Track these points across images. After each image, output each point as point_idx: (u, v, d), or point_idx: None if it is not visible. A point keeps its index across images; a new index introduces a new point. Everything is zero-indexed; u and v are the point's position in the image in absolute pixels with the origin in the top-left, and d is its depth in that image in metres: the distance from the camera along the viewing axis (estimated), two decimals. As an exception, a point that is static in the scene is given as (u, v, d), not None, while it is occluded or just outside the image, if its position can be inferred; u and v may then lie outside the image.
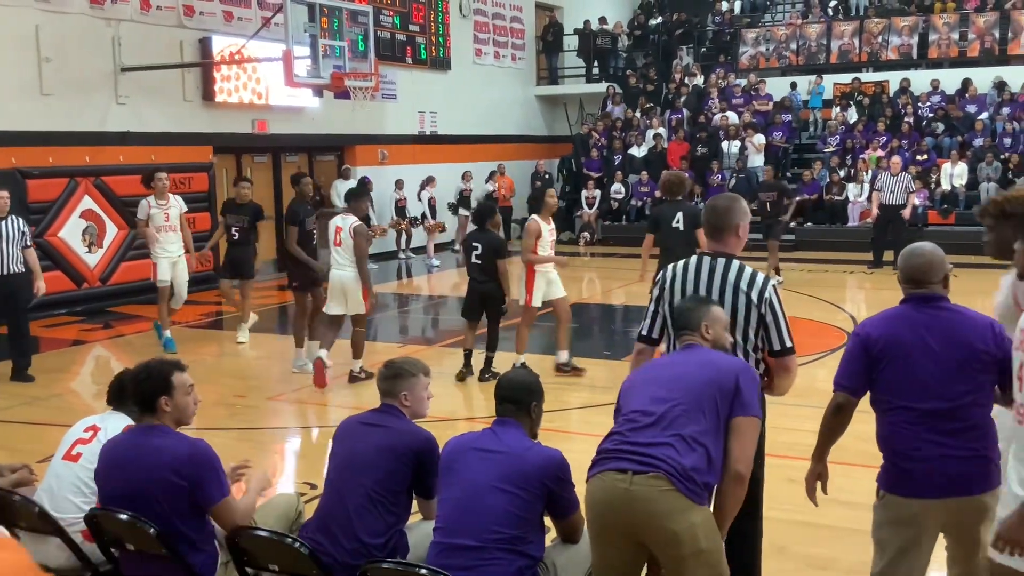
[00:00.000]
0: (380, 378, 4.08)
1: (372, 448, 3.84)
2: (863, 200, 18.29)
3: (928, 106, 20.13)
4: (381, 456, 3.81)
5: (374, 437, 3.88)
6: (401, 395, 4.00)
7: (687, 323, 3.79)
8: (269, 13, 14.82)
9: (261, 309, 14.03)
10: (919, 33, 21.38)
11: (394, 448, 3.83)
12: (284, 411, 8.41)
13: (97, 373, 10.18)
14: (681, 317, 3.84)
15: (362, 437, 3.91)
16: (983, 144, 18.49)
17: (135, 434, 3.86)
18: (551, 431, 6.66)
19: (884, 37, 21.64)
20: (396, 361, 4.16)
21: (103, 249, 13.86)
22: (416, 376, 4.05)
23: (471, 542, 3.43)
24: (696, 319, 3.76)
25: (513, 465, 3.53)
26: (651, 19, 25.18)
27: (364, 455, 3.83)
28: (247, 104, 15.77)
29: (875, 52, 21.74)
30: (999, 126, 19.00)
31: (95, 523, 3.86)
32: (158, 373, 3.85)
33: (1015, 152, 18.18)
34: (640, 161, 20.76)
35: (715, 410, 3.45)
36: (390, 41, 18.76)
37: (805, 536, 5.13)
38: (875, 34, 21.73)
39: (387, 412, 4.00)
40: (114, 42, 13.77)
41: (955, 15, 21.27)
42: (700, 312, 3.79)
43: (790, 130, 20.65)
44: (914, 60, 21.46)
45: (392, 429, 3.90)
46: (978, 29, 20.84)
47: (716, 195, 4.41)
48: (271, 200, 17.08)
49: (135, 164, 14.07)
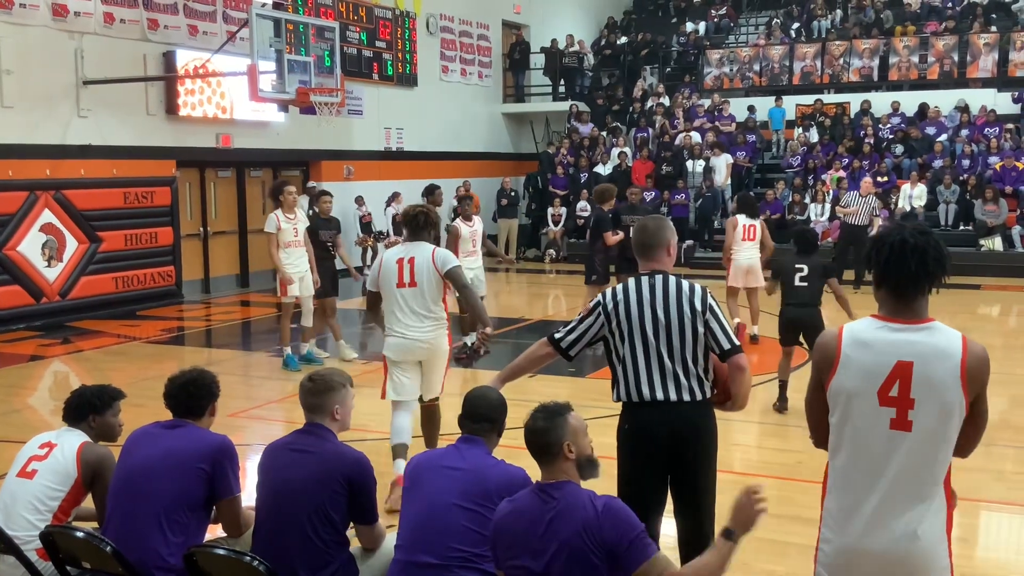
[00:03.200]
0: (308, 393, 3.93)
1: (302, 478, 3.70)
2: (824, 220, 18.55)
3: (888, 128, 20.44)
4: (313, 487, 3.68)
5: (304, 467, 3.73)
6: (333, 409, 3.92)
7: (547, 447, 3.30)
8: (234, 28, 14.77)
9: (224, 324, 13.94)
10: (880, 56, 21.73)
11: (326, 475, 3.70)
12: (246, 427, 8.34)
13: (55, 389, 10.04)
14: (538, 439, 3.32)
15: (291, 466, 3.76)
16: (942, 166, 18.80)
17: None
18: (514, 448, 6.65)
19: (846, 59, 21.97)
20: (322, 374, 4.02)
21: (63, 263, 13.69)
22: (346, 387, 3.99)
23: (432, 559, 3.42)
24: (557, 438, 3.28)
25: (475, 483, 3.52)
26: (617, 39, 25.38)
27: (296, 487, 3.69)
28: (211, 118, 15.69)
29: (837, 74, 22.06)
30: (958, 148, 19.33)
31: (50, 541, 3.81)
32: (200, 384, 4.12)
33: (973, 174, 18.50)
34: (605, 179, 20.87)
35: None
36: (356, 57, 18.76)
37: (768, 553, 5.15)
38: (837, 56, 22.05)
39: (314, 433, 3.86)
40: (76, 55, 13.65)
41: (915, 39, 21.64)
42: (558, 430, 3.30)
43: (753, 150, 20.88)
44: (875, 82, 21.79)
45: (321, 455, 3.76)
46: (938, 52, 21.21)
47: (645, 217, 4.47)
48: (234, 215, 17.00)
49: (96, 178, 14.01)
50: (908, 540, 2.84)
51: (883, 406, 2.86)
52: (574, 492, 3.21)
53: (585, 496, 3.19)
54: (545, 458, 3.26)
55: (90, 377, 9.86)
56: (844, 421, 2.94)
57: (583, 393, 8.84)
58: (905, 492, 2.86)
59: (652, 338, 4.00)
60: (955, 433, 2.87)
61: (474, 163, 22.26)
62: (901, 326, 2.90)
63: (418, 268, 6.06)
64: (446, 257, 6.14)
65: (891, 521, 2.86)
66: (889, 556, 2.87)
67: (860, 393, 2.88)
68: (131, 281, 14.64)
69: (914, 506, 2.86)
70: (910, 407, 2.83)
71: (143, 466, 3.84)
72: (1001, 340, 12.34)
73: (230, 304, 15.49)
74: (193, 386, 4.05)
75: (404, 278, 6.10)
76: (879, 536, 2.87)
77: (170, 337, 12.79)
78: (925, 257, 2.88)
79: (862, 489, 2.91)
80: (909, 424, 2.83)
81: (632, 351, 4.02)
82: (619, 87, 24.25)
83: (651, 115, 22.37)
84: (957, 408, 2.84)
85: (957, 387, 2.83)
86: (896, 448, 2.86)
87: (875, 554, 2.88)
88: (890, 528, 2.86)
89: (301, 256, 10.02)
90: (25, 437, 4.43)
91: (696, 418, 4.00)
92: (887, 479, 2.87)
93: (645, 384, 3.98)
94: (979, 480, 2.92)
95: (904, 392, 2.83)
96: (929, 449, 2.85)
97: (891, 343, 2.88)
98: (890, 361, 2.86)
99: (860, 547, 2.90)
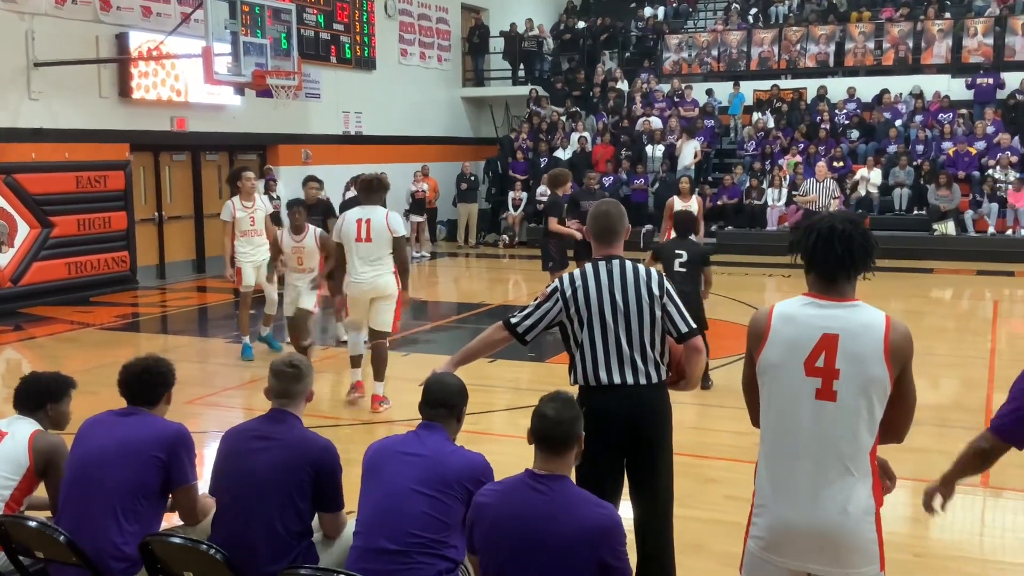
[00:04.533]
0: (289, 379, 3.86)
1: (269, 466, 3.65)
2: (781, 204, 18.73)
3: (844, 113, 20.64)
4: (279, 476, 3.64)
5: (269, 455, 3.68)
6: (308, 393, 3.93)
7: (565, 439, 3.26)
8: (189, 9, 14.56)
9: (180, 311, 13.80)
10: (836, 42, 21.92)
11: (294, 463, 3.66)
12: (203, 414, 8.27)
13: (8, 376, 9.88)
14: (560, 430, 3.26)
15: (256, 453, 3.70)
16: (897, 150, 19.04)
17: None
18: (476, 433, 6.67)
19: (802, 45, 22.14)
20: (292, 360, 3.97)
21: (14, 249, 13.45)
22: (311, 372, 3.99)
23: (392, 546, 3.41)
24: (577, 432, 3.28)
25: (434, 469, 3.51)
26: (576, 23, 25.37)
27: (260, 477, 3.64)
28: (165, 101, 15.47)
29: (793, 60, 22.23)
30: (912, 133, 19.58)
31: (3, 531, 3.75)
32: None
33: (927, 159, 18.75)
34: (565, 164, 20.90)
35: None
36: (314, 40, 18.57)
37: (723, 534, 5.21)
38: (794, 42, 22.21)
39: (281, 420, 3.81)
40: (27, 36, 13.40)
41: (870, 25, 21.85)
42: (578, 424, 3.30)
43: (712, 135, 21.00)
44: (831, 68, 21.98)
45: (288, 442, 3.72)
46: (892, 39, 21.44)
47: (601, 200, 4.42)
48: (190, 199, 16.81)
49: (48, 162, 13.79)
50: (837, 513, 2.94)
51: (809, 376, 2.96)
52: (573, 490, 3.21)
53: (588, 498, 3.20)
54: (558, 449, 3.22)
55: (43, 364, 9.72)
56: (772, 393, 3.04)
57: (544, 377, 8.89)
58: (831, 463, 2.95)
59: (611, 324, 4.02)
60: (879, 407, 2.96)
61: (434, 147, 22.17)
62: (828, 302, 3.02)
63: (374, 228, 7.71)
64: (397, 224, 7.89)
65: (819, 493, 2.95)
66: (818, 529, 2.96)
67: (787, 364, 2.99)
68: (84, 267, 14.43)
69: (841, 478, 2.95)
70: (835, 377, 2.94)
71: (97, 455, 3.79)
72: (954, 323, 12.57)
73: (186, 290, 15.33)
74: (148, 374, 4.00)
75: (361, 235, 7.75)
76: (808, 508, 2.96)
77: (124, 324, 12.64)
78: (851, 244, 2.99)
79: (791, 459, 3.00)
80: (834, 394, 2.94)
81: (591, 337, 4.04)
82: (579, 72, 24.25)
83: (609, 100, 22.40)
84: (880, 381, 2.93)
85: (881, 361, 2.92)
86: (822, 418, 2.95)
87: (804, 527, 2.97)
88: (818, 500, 2.95)
89: (261, 244, 9.89)
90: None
91: (652, 401, 4.05)
92: (814, 450, 2.96)
93: (603, 369, 4.01)
94: (932, 461, 2.99)
95: (830, 363, 2.94)
96: (853, 419, 2.94)
97: (818, 316, 3.00)
98: (816, 333, 2.97)
99: (789, 519, 2.99)
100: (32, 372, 4.45)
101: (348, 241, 7.81)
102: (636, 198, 19.14)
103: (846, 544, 2.95)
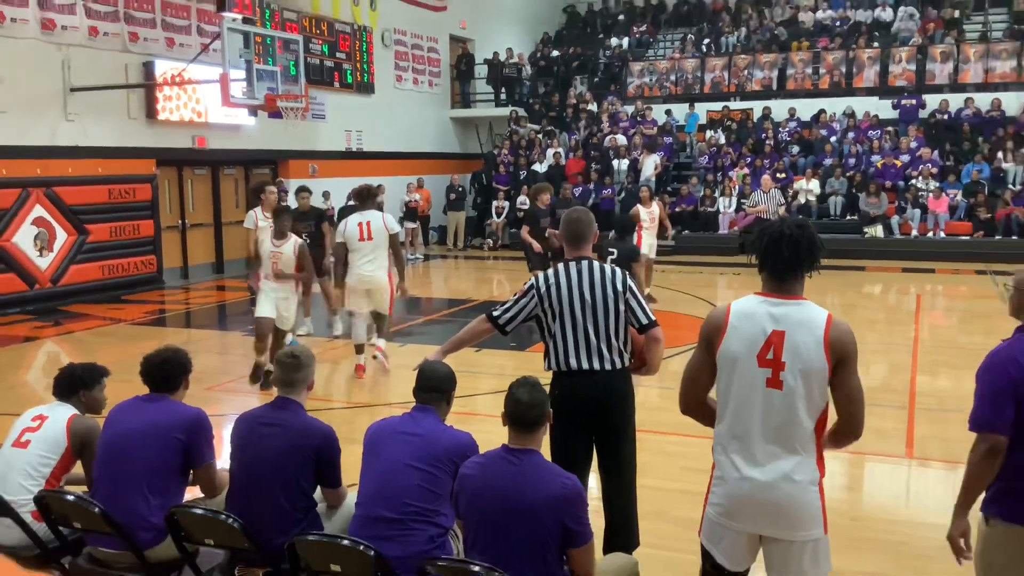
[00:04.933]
0: (290, 369, 3.82)
1: (275, 451, 3.63)
2: (731, 211, 18.79)
3: (786, 131, 20.70)
4: (284, 459, 3.62)
5: (276, 440, 3.65)
6: (310, 383, 3.89)
7: (537, 419, 3.26)
8: (208, 40, 14.49)
9: (201, 307, 13.72)
10: (778, 68, 21.98)
11: (296, 449, 3.64)
12: (222, 399, 8.22)
13: (48, 367, 9.79)
14: (531, 411, 3.25)
15: (264, 438, 3.67)
16: (832, 164, 19.12)
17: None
18: (463, 414, 6.66)
19: (749, 71, 22.19)
20: (295, 352, 3.93)
21: (53, 253, 13.36)
22: (312, 362, 3.94)
23: (390, 514, 3.41)
24: (545, 411, 3.29)
25: (427, 447, 3.51)
26: (551, 52, 25.35)
27: (267, 460, 3.62)
28: (187, 122, 15.36)
29: (742, 84, 22.27)
30: (846, 148, 19.67)
31: (44, 504, 3.72)
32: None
33: (858, 171, 18.84)
34: (542, 176, 20.88)
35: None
36: (319, 67, 18.49)
37: (681, 502, 5.23)
38: (742, 68, 22.26)
39: (285, 408, 3.77)
40: (63, 65, 13.29)
41: (809, 53, 21.93)
42: (546, 405, 3.30)
43: (670, 151, 21.03)
44: (774, 91, 22.03)
45: (291, 428, 3.68)
46: (828, 65, 21.52)
47: (572, 208, 4.39)
48: (210, 209, 16.71)
49: (83, 176, 13.71)
50: (784, 481, 2.96)
51: (761, 367, 2.98)
52: (543, 463, 3.21)
53: (554, 470, 3.20)
54: (531, 428, 3.22)
55: (79, 356, 9.63)
56: (730, 381, 3.05)
57: (524, 364, 8.87)
58: (780, 442, 2.98)
59: (580, 317, 4.03)
60: (819, 394, 2.96)
61: (425, 162, 22.11)
62: (778, 301, 3.02)
63: (374, 228, 8.21)
64: (392, 224, 8.39)
65: (770, 467, 2.98)
66: (769, 498, 2.98)
67: (743, 356, 3.01)
68: (116, 269, 14.32)
69: (789, 454, 2.97)
70: (782, 369, 2.96)
71: (125, 436, 3.76)
72: (883, 315, 12.64)
73: (207, 289, 15.24)
74: (167, 364, 3.96)
75: (364, 235, 8.21)
76: (761, 480, 2.98)
77: (152, 319, 12.54)
78: (798, 247, 3.00)
79: (746, 438, 3.02)
80: (781, 383, 2.96)
81: (562, 328, 4.05)
82: (554, 94, 24.23)
83: (580, 119, 22.40)
84: (820, 371, 2.94)
85: (821, 353, 2.93)
86: (771, 404, 2.98)
87: (758, 496, 2.99)
88: (770, 473, 2.98)
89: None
90: (20, 411, 4.31)
91: (617, 384, 4.06)
92: (765, 430, 2.99)
93: (573, 356, 4.02)
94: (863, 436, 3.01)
95: (777, 355, 2.96)
96: (797, 404, 2.95)
97: (769, 314, 3.01)
98: (767, 329, 2.99)
99: (744, 490, 3.01)
100: (69, 363, 4.42)
101: (351, 241, 8.24)
102: (604, 206, 19.14)
103: (794, 510, 2.97)
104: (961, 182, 18.08)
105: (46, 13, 13.04)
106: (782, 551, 3.01)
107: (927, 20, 21.95)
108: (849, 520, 5.12)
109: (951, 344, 10.34)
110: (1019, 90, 19.87)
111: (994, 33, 21.54)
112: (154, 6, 14.72)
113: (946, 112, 19.72)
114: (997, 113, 19.34)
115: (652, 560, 4.32)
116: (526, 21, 26.91)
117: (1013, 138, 18.59)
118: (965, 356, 9.60)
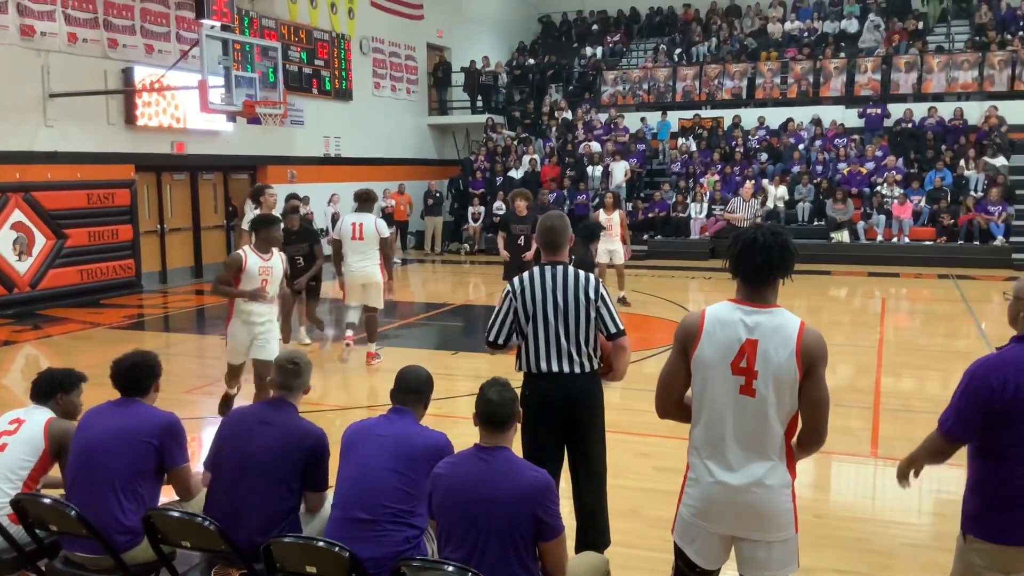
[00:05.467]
0: (286, 375, 3.84)
1: (266, 450, 3.62)
2: (702, 217, 18.90)
3: (756, 138, 20.85)
4: (276, 458, 3.61)
5: (268, 438, 3.64)
6: (306, 387, 3.89)
7: (507, 418, 3.27)
8: (187, 47, 14.36)
9: (180, 311, 13.60)
10: (748, 77, 22.15)
11: (290, 449, 3.63)
12: (199, 402, 8.16)
13: (27, 370, 9.66)
14: (502, 411, 3.27)
15: (257, 436, 3.66)
16: (800, 170, 19.28)
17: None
18: (440, 416, 6.64)
19: (720, 80, 22.33)
20: (294, 358, 3.92)
21: (32, 258, 13.18)
22: (309, 369, 3.95)
23: (366, 515, 3.39)
24: (515, 411, 3.30)
25: (403, 448, 3.49)
26: (527, 60, 25.39)
27: (260, 458, 3.60)
28: (166, 127, 15.22)
29: (712, 93, 22.42)
30: (813, 155, 19.84)
31: (21, 507, 3.67)
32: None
33: (825, 178, 19.02)
34: (518, 182, 20.89)
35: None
36: (297, 74, 18.40)
37: (652, 500, 5.25)
38: (712, 78, 22.41)
39: (279, 407, 3.78)
40: (43, 70, 13.12)
41: (777, 63, 22.11)
42: (516, 404, 3.32)
43: (643, 158, 21.12)
44: (744, 100, 22.19)
45: (285, 428, 3.68)
46: (796, 75, 21.71)
47: (547, 214, 4.34)
48: (189, 213, 16.56)
49: (62, 181, 13.54)
50: (757, 486, 2.97)
51: (734, 375, 2.97)
52: (514, 459, 3.21)
53: (524, 465, 3.21)
54: (502, 427, 3.23)
55: (58, 360, 9.53)
56: (704, 386, 3.04)
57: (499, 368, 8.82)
58: (753, 447, 2.98)
59: (552, 320, 4.04)
60: (790, 402, 2.96)
61: (404, 168, 22.06)
62: (752, 309, 3.00)
63: (366, 230, 8.77)
64: (383, 228, 8.94)
65: (743, 471, 2.98)
66: (742, 500, 2.99)
67: (717, 364, 2.99)
68: (95, 273, 14.15)
69: (761, 459, 2.98)
70: (754, 377, 2.95)
71: (99, 441, 3.71)
72: (848, 317, 12.75)
73: (186, 293, 15.11)
74: (137, 368, 3.90)
75: (356, 235, 8.79)
76: (734, 484, 2.99)
77: (131, 323, 12.42)
78: (770, 254, 2.96)
79: (720, 443, 3.02)
80: (754, 391, 2.95)
81: (534, 330, 4.06)
82: (529, 102, 24.28)
83: (555, 127, 22.45)
84: (791, 379, 2.93)
85: (792, 361, 2.92)
86: (743, 410, 2.97)
87: (731, 499, 3.00)
88: (743, 477, 2.98)
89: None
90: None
91: (585, 386, 4.08)
92: (738, 435, 2.99)
93: (544, 359, 4.04)
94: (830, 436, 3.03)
95: (750, 364, 2.95)
96: (769, 411, 2.95)
97: (743, 323, 2.98)
98: (741, 338, 2.97)
99: (718, 492, 3.02)
100: (48, 367, 4.37)
101: (346, 238, 8.87)
102: (579, 211, 19.17)
103: (768, 514, 2.99)
104: (924, 189, 18.29)
105: (25, 19, 12.89)
106: (754, 550, 3.03)
107: (892, 32, 22.21)
108: (812, 517, 5.15)
109: (914, 346, 10.45)
110: (981, 99, 20.15)
111: (956, 44, 21.82)
112: (133, 13, 14.59)
113: (910, 121, 19.96)
114: (959, 122, 19.60)
115: (624, 558, 4.33)
116: (502, 30, 26.94)
117: (975, 146, 18.84)
118: (928, 358, 9.72)
